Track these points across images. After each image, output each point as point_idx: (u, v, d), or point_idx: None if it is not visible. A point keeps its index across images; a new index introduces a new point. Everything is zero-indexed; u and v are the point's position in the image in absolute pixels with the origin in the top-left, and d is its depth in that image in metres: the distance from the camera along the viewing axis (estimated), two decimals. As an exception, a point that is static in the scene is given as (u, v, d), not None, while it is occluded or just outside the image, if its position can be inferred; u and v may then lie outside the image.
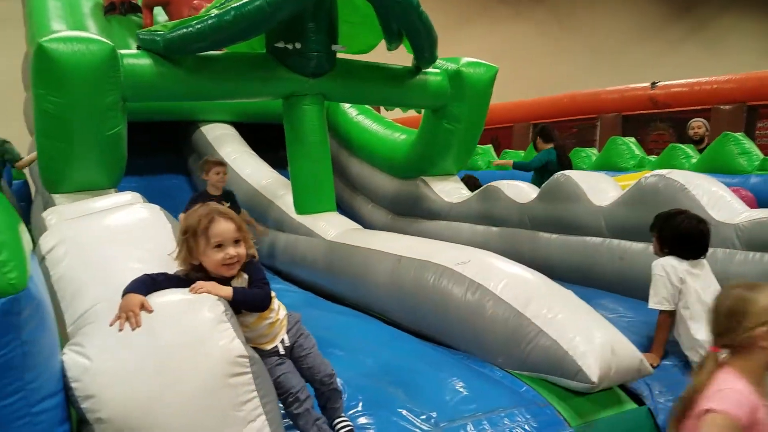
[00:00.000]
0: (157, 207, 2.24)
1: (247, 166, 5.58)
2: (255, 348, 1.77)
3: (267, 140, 6.32)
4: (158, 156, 6.43)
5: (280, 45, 4.15)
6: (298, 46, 4.13)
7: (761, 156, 6.43)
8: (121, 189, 4.04)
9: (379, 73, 4.67)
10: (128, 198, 2.73)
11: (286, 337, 1.86)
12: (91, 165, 3.80)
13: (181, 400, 1.52)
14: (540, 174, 5.87)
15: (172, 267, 1.90)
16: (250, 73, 4.23)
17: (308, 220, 4.26)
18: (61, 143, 3.62)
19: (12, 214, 1.76)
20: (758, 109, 9.37)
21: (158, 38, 3.80)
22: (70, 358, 1.54)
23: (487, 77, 4.88)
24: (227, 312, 1.67)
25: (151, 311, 1.62)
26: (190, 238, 1.75)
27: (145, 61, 3.82)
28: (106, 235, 2.03)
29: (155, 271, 1.82)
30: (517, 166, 6.44)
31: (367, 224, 5.48)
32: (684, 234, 2.63)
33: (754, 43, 19.68)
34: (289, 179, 4.86)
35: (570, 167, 5.80)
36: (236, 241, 1.76)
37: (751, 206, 3.47)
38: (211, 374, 1.56)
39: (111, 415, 1.46)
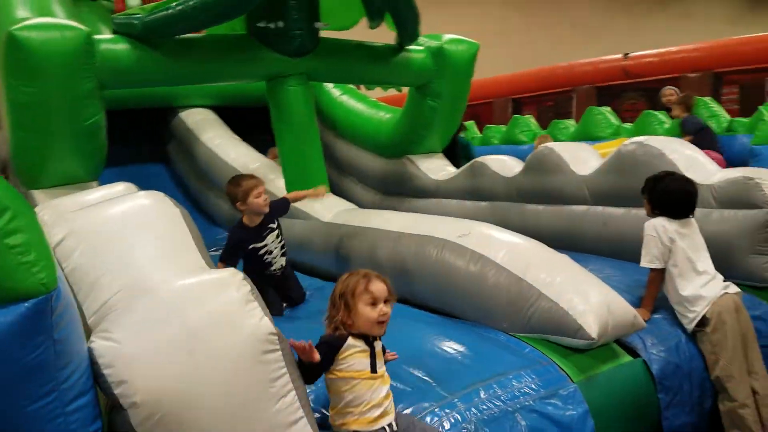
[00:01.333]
0: (161, 194, 2.22)
1: (231, 150, 5.53)
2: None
3: (248, 124, 6.31)
4: (134, 144, 6.30)
5: (262, 24, 4.12)
6: (280, 24, 4.09)
7: (728, 118, 6.69)
8: (99, 180, 3.97)
9: (363, 51, 4.70)
10: (121, 188, 2.64)
11: (394, 423, 1.84)
12: (70, 157, 3.71)
13: (215, 379, 1.54)
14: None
15: (187, 251, 1.94)
16: (232, 55, 4.19)
17: (303, 203, 4.30)
18: (38, 135, 3.53)
19: (33, 212, 1.74)
20: (722, 75, 9.69)
21: (136, 21, 3.71)
22: (99, 345, 1.53)
23: (469, 54, 4.97)
24: (253, 291, 1.71)
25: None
26: (349, 299, 1.86)
27: (122, 46, 3.74)
28: (116, 223, 2.00)
29: (171, 254, 1.86)
30: None
31: (356, 205, 5.55)
32: (673, 194, 2.76)
33: (719, 11, 20.06)
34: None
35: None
36: (386, 301, 1.89)
37: (722, 166, 3.63)
38: (243, 353, 1.57)
39: (145, 398, 1.47)
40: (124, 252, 1.88)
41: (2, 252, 1.36)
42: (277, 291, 3.36)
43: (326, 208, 4.14)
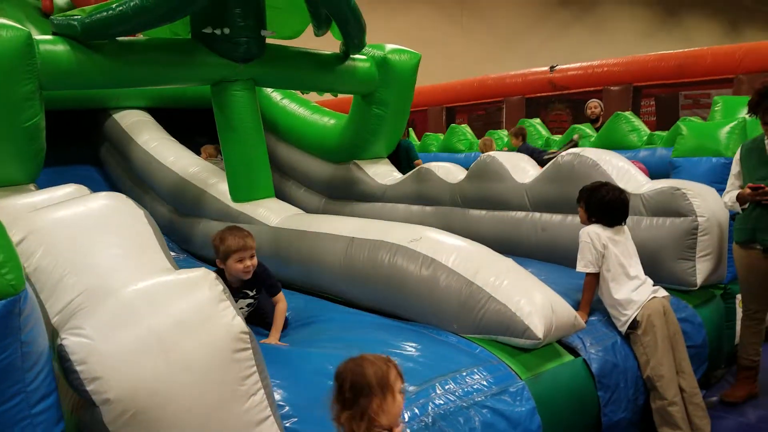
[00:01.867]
0: (122, 195, 2.22)
1: (170, 153, 5.43)
2: None
3: (182, 126, 6.17)
4: (64, 146, 6.06)
5: (208, 31, 4.10)
6: (226, 31, 4.08)
7: (648, 132, 7.16)
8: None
9: (310, 59, 4.73)
10: (71, 190, 2.63)
11: None
12: (9, 159, 3.59)
13: (188, 377, 1.54)
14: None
15: (154, 252, 1.93)
16: (176, 59, 4.16)
17: (248, 208, 4.27)
18: (-26, 137, 3.38)
19: None
20: (641, 89, 10.36)
21: (75, 23, 3.64)
22: (71, 341, 1.50)
23: (411, 63, 5.09)
24: (225, 291, 1.73)
25: None
26: (386, 388, 1.60)
27: (63, 48, 3.67)
28: (79, 224, 1.99)
29: (139, 255, 1.84)
30: None
31: (300, 209, 5.53)
32: (607, 203, 2.94)
33: (633, 25, 21.53)
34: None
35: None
36: None
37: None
38: (217, 351, 1.60)
39: (118, 395, 1.47)
40: (90, 252, 1.86)
41: None
42: None
43: (273, 213, 4.12)
